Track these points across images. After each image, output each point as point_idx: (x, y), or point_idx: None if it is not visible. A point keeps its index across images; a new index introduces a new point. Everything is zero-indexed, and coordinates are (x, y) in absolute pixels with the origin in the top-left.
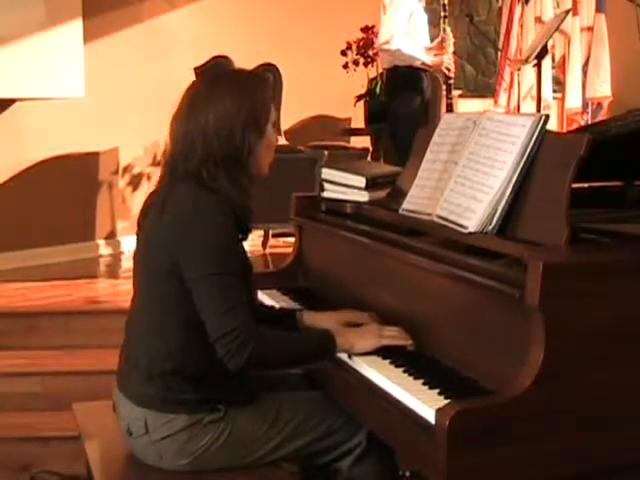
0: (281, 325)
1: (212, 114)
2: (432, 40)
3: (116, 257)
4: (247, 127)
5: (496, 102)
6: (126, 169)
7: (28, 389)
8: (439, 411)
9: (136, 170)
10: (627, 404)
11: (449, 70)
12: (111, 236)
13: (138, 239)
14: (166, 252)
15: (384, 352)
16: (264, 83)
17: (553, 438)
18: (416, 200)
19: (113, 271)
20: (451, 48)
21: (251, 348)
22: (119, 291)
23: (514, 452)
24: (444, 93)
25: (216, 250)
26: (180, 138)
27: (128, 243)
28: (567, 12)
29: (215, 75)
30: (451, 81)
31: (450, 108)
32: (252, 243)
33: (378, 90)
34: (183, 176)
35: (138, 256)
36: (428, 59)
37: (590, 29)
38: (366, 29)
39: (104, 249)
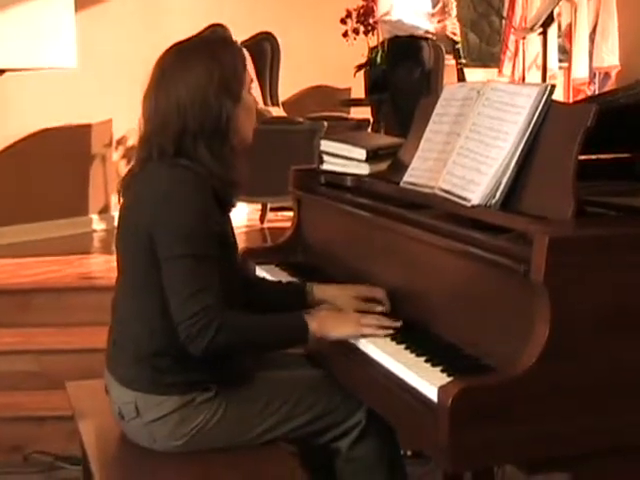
0: (287, 300)
1: (182, 85)
2: (434, 6)
3: (110, 232)
4: (220, 93)
5: (500, 72)
6: (120, 142)
7: (21, 368)
8: (441, 389)
9: (130, 142)
10: (631, 384)
11: (454, 34)
12: (105, 211)
13: (118, 221)
14: (141, 233)
15: None
16: (233, 47)
17: (555, 418)
18: (418, 172)
19: (107, 247)
20: (454, 12)
21: (212, 334)
22: (113, 267)
23: (516, 431)
24: (453, 60)
25: (186, 232)
26: (152, 115)
27: None
28: None
29: (180, 46)
30: (458, 46)
31: (461, 74)
32: (250, 217)
33: (379, 59)
34: (158, 155)
35: (118, 237)
36: (431, 27)
37: None
38: None
39: (97, 224)
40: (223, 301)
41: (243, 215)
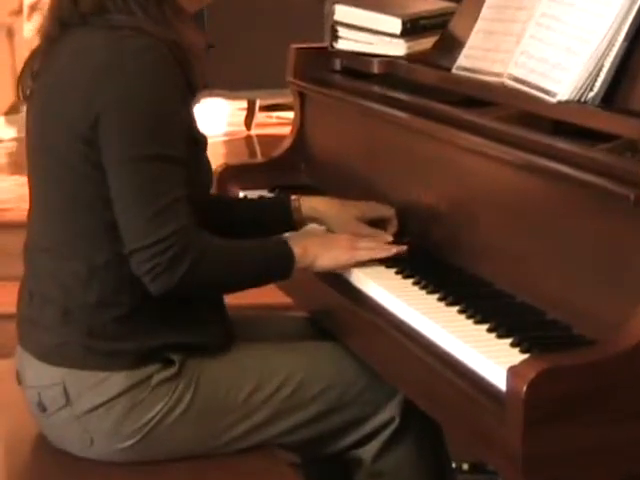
0: (265, 218)
1: None
2: None
3: (23, 142)
4: None
5: None
6: (34, 7)
7: None
8: (513, 371)
9: None
10: None
11: None
12: (14, 111)
13: (28, 115)
14: (71, 129)
15: (424, 281)
16: None
17: None
18: (478, 53)
19: (19, 163)
20: None
21: (187, 264)
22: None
23: (623, 432)
24: None
25: (147, 119)
26: None
27: None
28: None
29: None
30: None
31: None
32: (231, 121)
33: None
34: (83, 17)
35: (32, 142)
36: None
37: None
38: None
39: (4, 130)
40: (195, 219)
41: (222, 118)
